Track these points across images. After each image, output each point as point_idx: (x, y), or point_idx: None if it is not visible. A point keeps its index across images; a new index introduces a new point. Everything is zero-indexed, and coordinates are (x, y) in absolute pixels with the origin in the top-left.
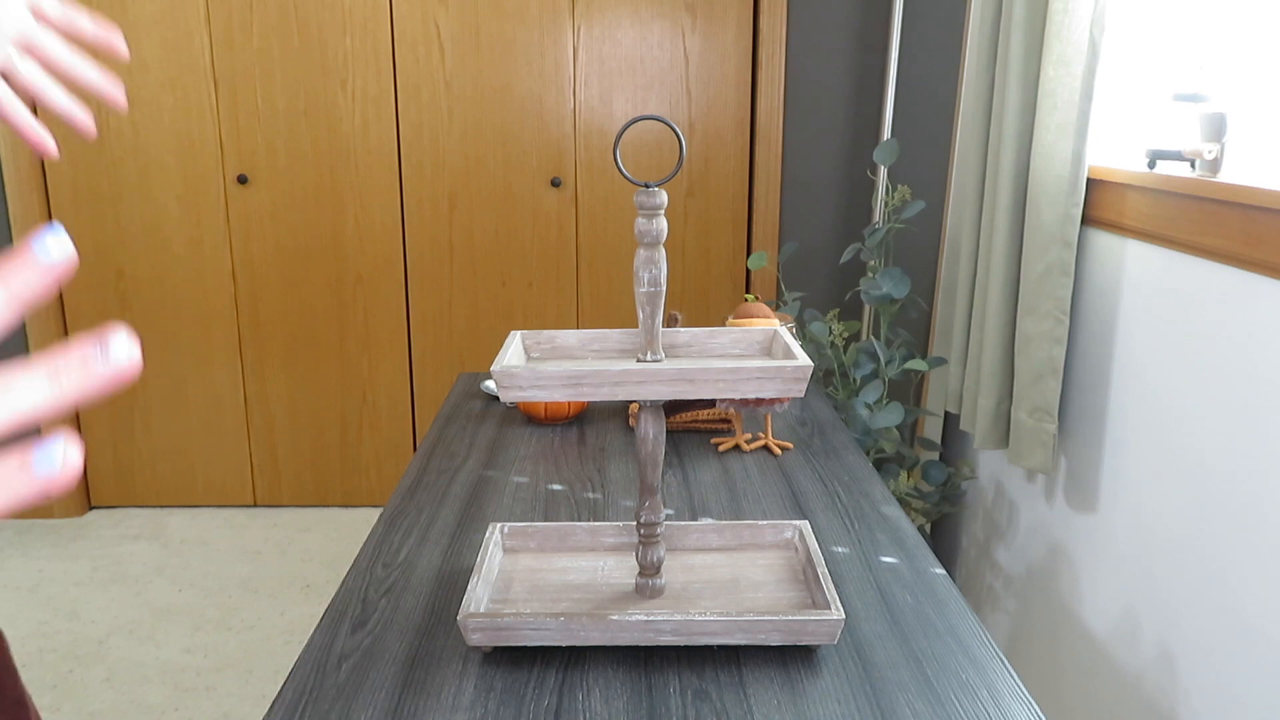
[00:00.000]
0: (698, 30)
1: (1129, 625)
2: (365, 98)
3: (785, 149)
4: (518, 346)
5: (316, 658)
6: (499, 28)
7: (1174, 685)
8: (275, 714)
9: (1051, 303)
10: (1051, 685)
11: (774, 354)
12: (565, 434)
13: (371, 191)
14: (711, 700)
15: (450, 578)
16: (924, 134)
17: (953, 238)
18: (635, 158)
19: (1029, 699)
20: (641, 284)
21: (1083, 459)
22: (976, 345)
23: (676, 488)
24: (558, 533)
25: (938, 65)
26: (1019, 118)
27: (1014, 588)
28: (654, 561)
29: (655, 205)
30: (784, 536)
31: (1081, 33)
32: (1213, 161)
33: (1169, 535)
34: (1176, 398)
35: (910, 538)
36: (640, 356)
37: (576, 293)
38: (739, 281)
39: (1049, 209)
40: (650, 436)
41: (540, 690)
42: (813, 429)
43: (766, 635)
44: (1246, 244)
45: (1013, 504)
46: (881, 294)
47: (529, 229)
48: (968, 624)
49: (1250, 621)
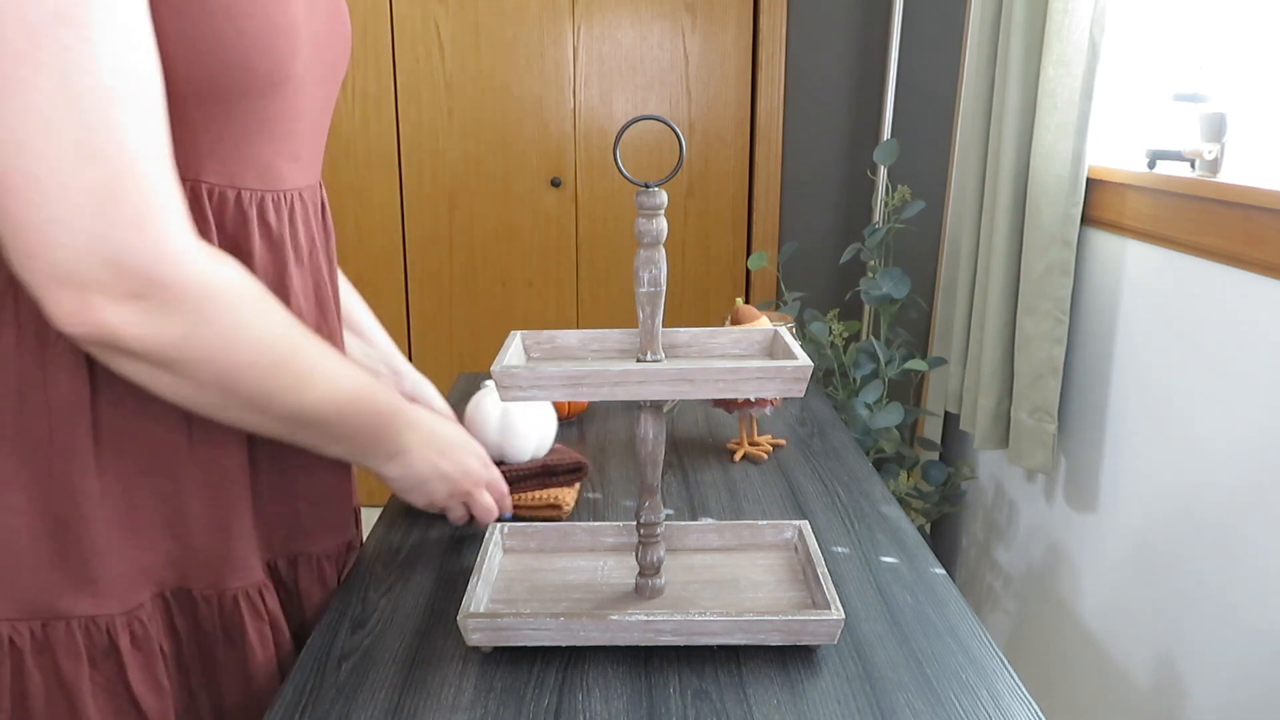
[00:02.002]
0: (698, 30)
1: (1129, 625)
2: (365, 97)
3: (785, 149)
4: (518, 346)
5: (316, 658)
6: (499, 28)
7: (1174, 685)
8: (275, 714)
9: (1051, 303)
10: (1051, 685)
11: (774, 354)
12: (565, 434)
13: (371, 191)
14: (711, 700)
15: (450, 578)
16: (924, 134)
17: (953, 238)
18: (635, 158)
19: (1029, 699)
20: (641, 284)
21: (1083, 459)
22: (976, 345)
23: (676, 488)
24: (558, 533)
25: (938, 65)
26: (1019, 118)
27: (1014, 588)
28: (654, 561)
29: (655, 205)
30: (784, 536)
31: (1081, 33)
32: (1213, 161)
33: (1169, 535)
34: (1176, 397)
35: (910, 538)
36: (640, 356)
37: (576, 293)
38: (739, 281)
39: (1049, 209)
40: (650, 436)
41: (540, 690)
42: (813, 429)
43: (766, 635)
44: (1246, 244)
45: (1013, 504)
46: (881, 294)
47: (529, 229)
48: (968, 624)
49: (1249, 621)
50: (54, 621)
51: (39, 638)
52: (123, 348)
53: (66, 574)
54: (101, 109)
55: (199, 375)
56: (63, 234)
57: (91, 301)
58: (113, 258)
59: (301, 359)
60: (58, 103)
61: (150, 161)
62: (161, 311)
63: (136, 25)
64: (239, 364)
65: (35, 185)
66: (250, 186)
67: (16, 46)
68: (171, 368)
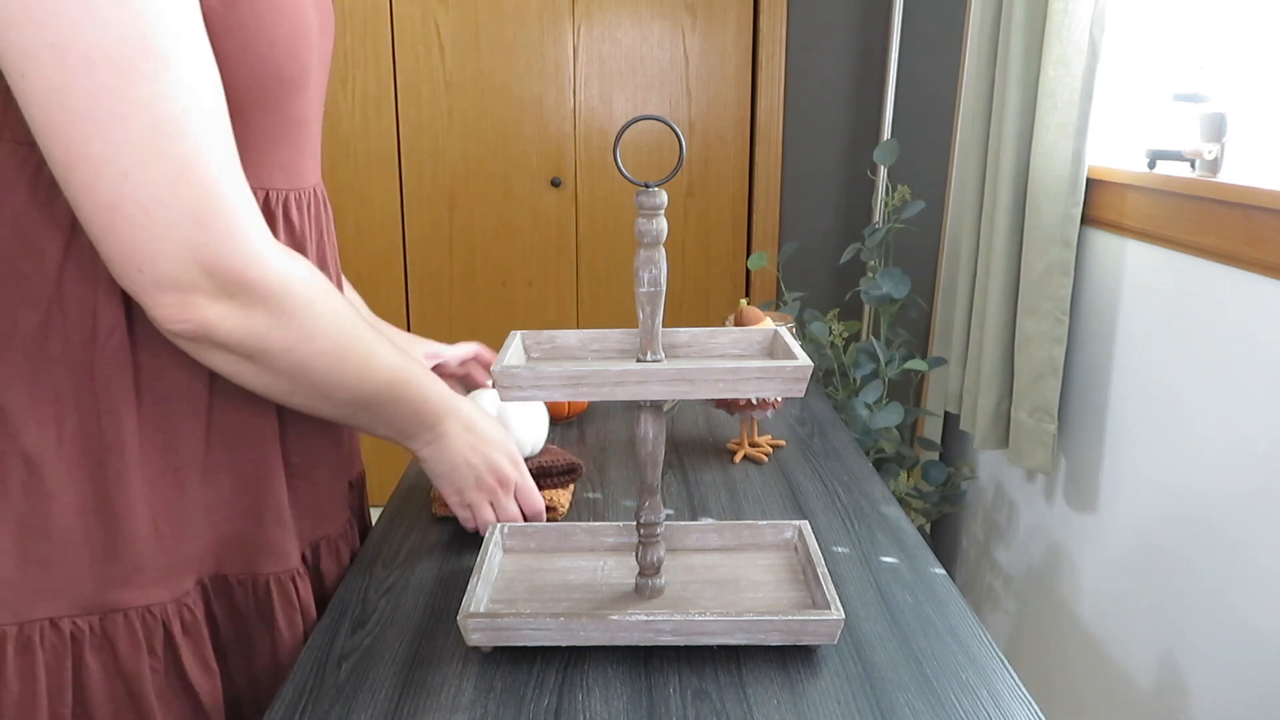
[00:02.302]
0: (698, 30)
1: (1129, 625)
2: (365, 97)
3: (785, 149)
4: (518, 346)
5: (316, 658)
6: (499, 28)
7: (1174, 685)
8: (275, 714)
9: (1051, 303)
10: (1051, 685)
11: (774, 354)
12: (565, 434)
13: (371, 191)
14: (711, 700)
15: (450, 578)
16: (924, 134)
17: (953, 238)
18: (635, 158)
19: (1029, 699)
20: (641, 284)
21: (1083, 459)
22: (976, 345)
23: (676, 488)
24: (558, 533)
25: (938, 65)
26: (1019, 118)
27: (1014, 588)
28: (654, 561)
29: (655, 205)
30: (784, 536)
31: (1081, 33)
32: (1212, 161)
33: (1169, 535)
34: (1176, 397)
35: (910, 538)
36: (640, 356)
37: (576, 293)
38: (739, 281)
39: (1049, 209)
40: (650, 436)
41: (540, 690)
42: (813, 429)
43: (766, 635)
44: (1246, 244)
45: (1013, 504)
46: (881, 294)
47: (529, 229)
48: (968, 624)
49: (1250, 621)
50: (111, 614)
51: (97, 631)
52: (217, 341)
53: (119, 567)
54: (185, 132)
55: (278, 364)
56: (167, 248)
57: (193, 303)
58: (209, 263)
59: (363, 346)
60: (149, 133)
61: (229, 174)
62: (250, 307)
63: (202, 46)
64: (313, 353)
65: (141, 210)
66: (278, 186)
67: (109, 85)
68: (256, 358)
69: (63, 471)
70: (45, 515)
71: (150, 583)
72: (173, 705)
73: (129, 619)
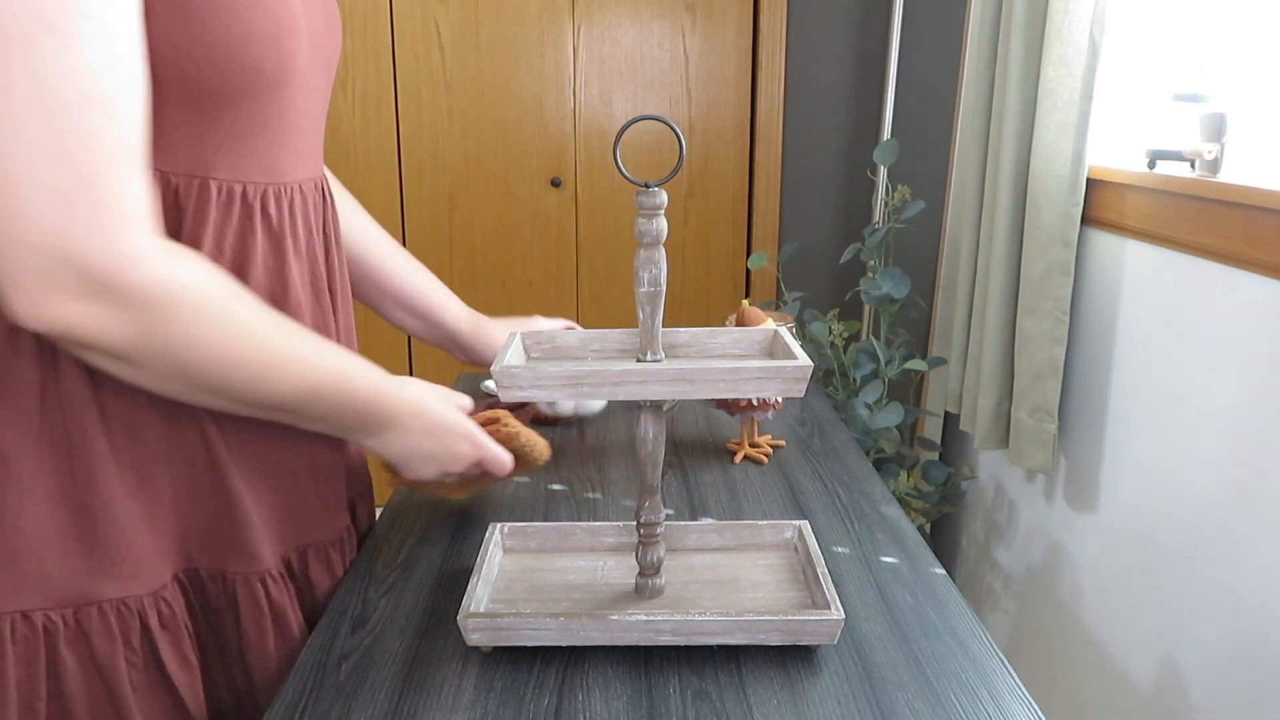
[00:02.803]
0: (698, 30)
1: (1129, 625)
2: (365, 97)
3: (785, 149)
4: (518, 346)
5: (316, 658)
6: (499, 28)
7: (1174, 684)
8: (275, 714)
9: (1051, 303)
10: (1051, 685)
11: (774, 354)
12: (565, 434)
13: (371, 191)
14: (711, 700)
15: (450, 578)
16: (924, 134)
17: (953, 238)
18: (635, 158)
19: (1029, 699)
20: (641, 284)
21: (1083, 459)
22: (976, 345)
23: (676, 488)
24: (558, 533)
25: (938, 65)
26: (1019, 118)
27: (1014, 588)
28: (654, 561)
29: (655, 205)
30: (784, 536)
31: (1081, 33)
32: (1212, 161)
33: (1169, 535)
34: (1176, 397)
35: (910, 538)
36: (640, 356)
37: (576, 293)
38: (739, 281)
39: (1049, 209)
40: (650, 436)
41: (540, 690)
42: (813, 429)
43: (766, 635)
44: (1246, 244)
45: (1013, 504)
46: (881, 294)
47: (529, 229)
48: (968, 624)
49: (1250, 621)
50: (85, 607)
51: (71, 624)
52: (80, 342)
53: (94, 560)
54: (74, 113)
55: (158, 369)
56: (24, 230)
57: (48, 298)
58: (69, 257)
59: (268, 352)
60: (32, 106)
61: (118, 164)
62: (116, 310)
63: (122, 31)
64: (198, 360)
65: (3, 183)
66: (255, 181)
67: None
68: (130, 361)
69: (32, 464)
70: (16, 508)
71: (125, 575)
72: (151, 699)
73: (103, 611)
